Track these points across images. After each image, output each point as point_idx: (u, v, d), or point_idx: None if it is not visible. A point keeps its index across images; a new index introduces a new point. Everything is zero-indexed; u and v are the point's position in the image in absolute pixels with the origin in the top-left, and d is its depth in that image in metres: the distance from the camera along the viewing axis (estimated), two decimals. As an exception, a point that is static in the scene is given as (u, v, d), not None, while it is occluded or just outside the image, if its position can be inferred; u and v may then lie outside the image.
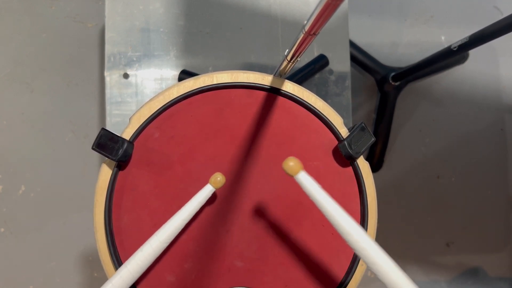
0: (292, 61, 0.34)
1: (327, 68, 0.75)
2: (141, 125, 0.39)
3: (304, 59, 0.75)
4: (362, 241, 0.30)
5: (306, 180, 0.32)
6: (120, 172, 0.39)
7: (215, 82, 0.41)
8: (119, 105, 0.72)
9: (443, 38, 1.03)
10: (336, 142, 0.41)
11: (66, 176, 0.94)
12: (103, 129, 0.37)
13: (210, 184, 0.36)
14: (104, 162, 0.39)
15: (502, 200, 1.02)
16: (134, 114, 0.40)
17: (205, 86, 0.41)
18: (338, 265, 0.40)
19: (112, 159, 0.38)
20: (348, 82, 0.76)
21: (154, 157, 0.40)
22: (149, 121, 0.40)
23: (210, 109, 0.41)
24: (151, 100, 0.40)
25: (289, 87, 0.41)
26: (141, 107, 0.40)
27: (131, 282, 0.34)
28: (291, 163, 0.31)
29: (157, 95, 0.40)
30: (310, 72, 0.75)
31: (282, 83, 0.41)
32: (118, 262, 0.38)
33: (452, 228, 1.01)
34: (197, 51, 0.74)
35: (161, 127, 0.40)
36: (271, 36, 0.75)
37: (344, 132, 0.41)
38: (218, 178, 0.36)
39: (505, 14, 0.61)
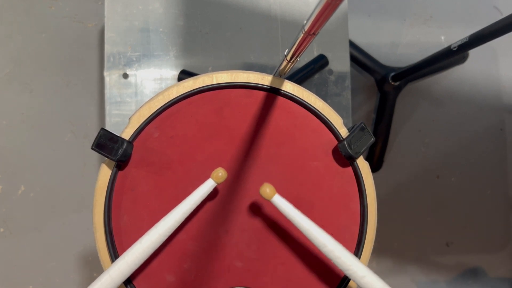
0: (291, 61, 0.34)
1: (326, 68, 0.75)
2: (140, 125, 0.39)
3: (303, 59, 0.75)
4: (336, 250, 0.34)
5: (280, 202, 0.35)
6: (120, 172, 0.39)
7: (214, 82, 0.41)
8: (118, 105, 0.72)
9: (443, 38, 1.03)
10: (336, 142, 0.41)
11: (65, 176, 0.94)
12: (103, 129, 0.37)
13: (212, 178, 0.36)
14: (104, 162, 0.39)
15: (502, 200, 1.02)
16: (133, 114, 0.40)
17: (204, 86, 0.41)
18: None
19: (111, 159, 0.37)
20: (347, 82, 0.76)
21: (154, 157, 0.40)
22: (148, 121, 0.40)
23: (210, 109, 0.41)
24: (150, 100, 0.40)
25: (289, 87, 0.41)
26: (140, 107, 0.40)
27: (128, 273, 0.34)
28: (268, 190, 0.35)
29: (157, 95, 0.40)
30: (309, 72, 0.75)
31: (281, 83, 0.41)
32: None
33: (452, 228, 1.01)
34: (196, 51, 0.74)
35: (161, 127, 0.40)
36: (271, 36, 0.75)
37: (343, 132, 0.41)
38: (220, 173, 0.36)
39: (505, 14, 0.61)
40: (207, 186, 0.36)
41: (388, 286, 0.33)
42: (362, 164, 0.41)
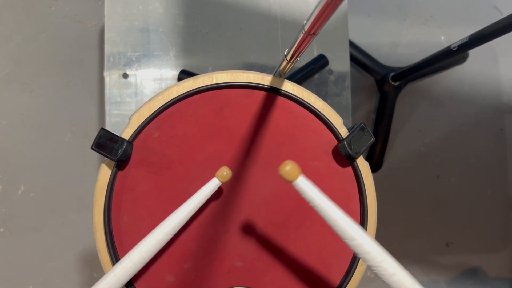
0: (291, 61, 0.34)
1: (326, 68, 0.75)
2: (140, 125, 0.39)
3: (303, 59, 0.75)
4: (366, 244, 0.30)
5: (306, 186, 0.30)
6: (120, 172, 0.39)
7: (214, 82, 0.41)
8: (118, 105, 0.72)
9: (442, 38, 1.03)
10: (336, 142, 0.41)
11: (65, 176, 0.94)
12: (103, 129, 0.37)
13: (217, 177, 0.36)
14: (104, 162, 0.39)
15: (501, 200, 1.02)
16: (133, 114, 0.40)
17: (204, 86, 0.40)
18: (337, 266, 0.40)
19: (111, 159, 0.37)
20: (347, 82, 0.76)
21: (154, 157, 0.40)
22: (148, 121, 0.40)
23: (210, 109, 0.41)
24: (150, 100, 0.40)
25: (289, 87, 0.41)
26: (140, 107, 0.40)
27: (133, 272, 0.34)
28: (288, 168, 0.29)
29: (157, 95, 0.40)
30: (309, 72, 0.75)
31: (281, 83, 0.41)
32: (117, 262, 0.38)
33: (452, 228, 1.01)
34: (196, 51, 0.74)
35: (161, 127, 0.40)
36: (271, 36, 0.75)
37: (343, 132, 0.41)
38: (225, 172, 0.36)
39: (505, 14, 0.61)
40: (212, 185, 0.36)
41: (419, 284, 0.31)
42: (362, 164, 0.41)
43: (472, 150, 1.02)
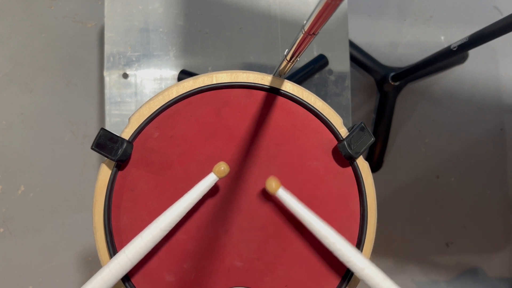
0: (291, 61, 0.34)
1: (326, 68, 0.75)
2: (140, 125, 0.39)
3: (303, 59, 0.75)
4: (337, 242, 0.35)
5: (285, 196, 0.36)
6: (120, 172, 0.39)
7: (214, 82, 0.41)
8: (118, 105, 0.72)
9: (442, 38, 1.03)
10: (336, 142, 0.41)
11: (65, 176, 0.94)
12: (103, 129, 0.37)
13: (214, 173, 0.36)
14: (104, 162, 0.39)
15: (502, 200, 1.02)
16: (133, 114, 0.40)
17: (204, 86, 0.41)
18: (338, 265, 0.40)
19: (111, 159, 0.37)
20: (347, 82, 0.76)
21: (154, 157, 0.40)
22: (148, 121, 0.40)
23: (210, 109, 0.41)
24: (150, 100, 0.40)
25: (289, 87, 0.41)
26: (140, 107, 0.40)
27: (128, 268, 0.34)
28: (273, 183, 0.36)
29: (157, 95, 0.40)
30: (309, 72, 0.75)
31: (281, 83, 0.41)
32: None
33: (452, 228, 1.01)
34: (196, 51, 0.74)
35: (161, 127, 0.40)
36: (271, 36, 0.75)
37: (343, 132, 0.41)
38: (222, 167, 0.36)
39: (505, 14, 0.61)
40: (209, 181, 0.36)
41: (389, 279, 0.34)
42: (362, 164, 0.41)
43: (472, 150, 1.02)
